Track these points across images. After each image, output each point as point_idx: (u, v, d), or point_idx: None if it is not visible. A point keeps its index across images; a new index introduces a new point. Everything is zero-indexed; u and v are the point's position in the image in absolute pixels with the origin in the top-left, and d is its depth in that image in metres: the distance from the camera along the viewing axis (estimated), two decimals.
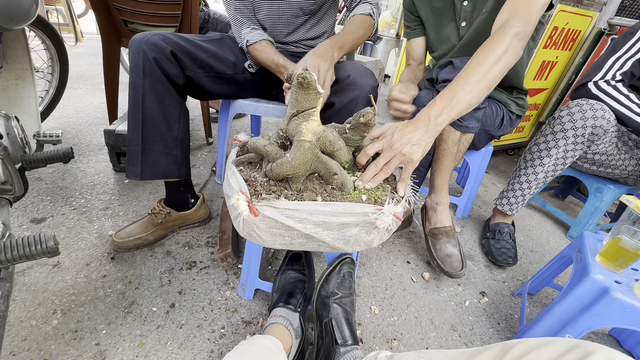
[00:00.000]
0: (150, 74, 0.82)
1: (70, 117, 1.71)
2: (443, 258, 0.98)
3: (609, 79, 1.00)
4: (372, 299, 0.93)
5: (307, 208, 0.50)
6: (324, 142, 0.57)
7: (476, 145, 1.18)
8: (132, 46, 0.81)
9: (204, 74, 0.94)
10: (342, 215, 0.49)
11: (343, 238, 0.51)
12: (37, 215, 1.03)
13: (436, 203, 1.07)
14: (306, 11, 0.99)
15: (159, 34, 0.84)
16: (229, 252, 0.92)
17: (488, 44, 0.70)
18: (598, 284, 0.66)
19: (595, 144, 1.01)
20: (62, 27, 2.96)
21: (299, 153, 0.55)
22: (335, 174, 0.57)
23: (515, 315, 0.95)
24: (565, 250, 0.88)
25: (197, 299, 0.85)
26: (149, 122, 0.86)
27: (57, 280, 0.84)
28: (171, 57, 0.85)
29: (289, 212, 0.50)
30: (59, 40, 1.37)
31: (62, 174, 1.25)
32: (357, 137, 0.62)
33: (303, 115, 0.59)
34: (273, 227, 0.52)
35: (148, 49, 0.80)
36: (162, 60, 0.83)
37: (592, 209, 1.28)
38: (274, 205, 0.50)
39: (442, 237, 1.02)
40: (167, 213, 1.01)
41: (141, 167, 0.89)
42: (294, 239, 0.53)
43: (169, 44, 0.84)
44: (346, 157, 0.61)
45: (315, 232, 0.50)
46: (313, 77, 0.55)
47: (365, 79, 0.88)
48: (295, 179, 0.56)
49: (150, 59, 0.81)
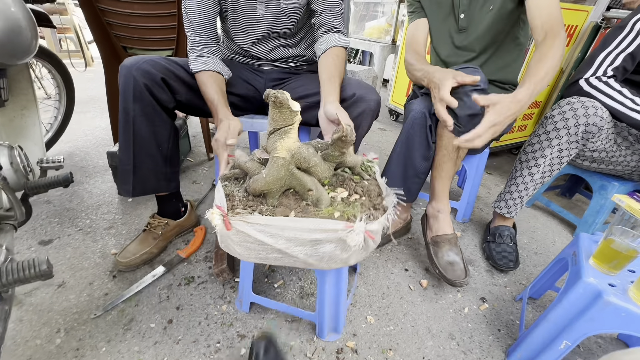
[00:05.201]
0: (140, 99, 0.86)
1: (79, 140, 1.79)
2: (445, 266, 0.96)
3: (600, 75, 0.98)
4: (368, 308, 0.93)
5: (278, 223, 0.52)
6: (298, 159, 0.59)
7: (476, 150, 1.17)
8: (122, 72, 0.85)
9: (197, 97, 0.98)
10: (313, 232, 0.50)
11: (316, 255, 0.52)
12: (45, 237, 1.08)
13: (437, 210, 1.06)
14: (285, 34, 1.01)
15: (149, 59, 0.87)
16: (224, 268, 0.94)
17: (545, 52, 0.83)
18: (591, 287, 0.65)
19: (591, 142, 0.99)
20: (72, 54, 3.12)
21: (272, 169, 0.57)
22: (309, 189, 0.58)
23: (517, 321, 0.93)
24: (562, 252, 0.86)
25: (194, 314, 0.87)
26: (140, 144, 0.90)
27: (61, 300, 0.87)
28: (162, 83, 0.88)
29: (261, 227, 0.52)
30: (65, 69, 1.45)
31: (69, 196, 1.31)
32: (336, 153, 0.63)
33: (279, 132, 0.60)
34: (247, 241, 0.54)
35: (138, 75, 0.84)
36: (152, 87, 0.86)
37: (598, 207, 1.24)
38: (246, 220, 0.52)
39: (444, 245, 1.00)
40: (166, 224, 1.05)
41: (133, 185, 0.93)
42: (269, 254, 0.55)
43: (159, 70, 0.87)
44: (324, 173, 0.62)
45: (287, 247, 0.52)
46: (285, 96, 0.57)
47: (370, 94, 0.90)
48: (271, 194, 0.58)
49: (141, 84, 0.84)
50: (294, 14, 0.98)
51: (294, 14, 0.98)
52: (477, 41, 1.07)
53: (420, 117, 0.99)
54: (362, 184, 0.67)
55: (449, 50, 1.13)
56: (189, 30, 0.94)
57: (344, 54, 0.96)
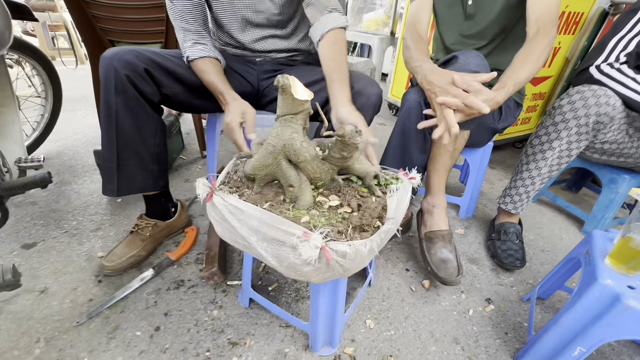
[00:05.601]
0: (122, 91, 0.81)
1: (69, 139, 1.74)
2: (438, 263, 0.91)
3: (612, 62, 0.92)
4: (367, 311, 0.88)
5: (246, 209, 0.49)
6: (288, 150, 0.54)
7: (479, 143, 1.12)
8: (103, 63, 0.79)
9: (184, 90, 0.93)
10: (271, 228, 0.46)
11: (277, 255, 0.47)
12: (28, 240, 1.04)
13: (432, 205, 1.01)
14: (273, 22, 0.95)
15: (131, 50, 0.82)
16: (214, 271, 0.89)
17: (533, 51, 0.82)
18: (608, 290, 0.59)
19: (602, 133, 0.93)
20: (64, 52, 3.06)
21: (260, 155, 0.54)
22: (290, 185, 0.53)
23: (525, 323, 0.88)
24: (573, 251, 0.81)
25: (183, 320, 0.82)
26: (124, 139, 0.85)
27: (42, 307, 0.83)
28: (145, 74, 0.83)
29: (232, 208, 0.50)
30: (50, 66, 1.39)
31: (56, 196, 1.26)
32: (337, 155, 0.56)
33: (282, 119, 0.56)
34: (222, 219, 0.52)
35: (120, 65, 0.79)
36: (135, 78, 0.81)
37: (607, 202, 1.19)
38: (223, 198, 0.51)
39: (437, 241, 0.95)
40: (154, 225, 1.00)
41: (117, 184, 0.88)
42: (238, 239, 0.52)
43: (142, 61, 0.82)
44: (318, 174, 0.57)
45: (249, 237, 0.48)
46: (288, 81, 0.52)
47: (370, 88, 0.85)
48: (257, 180, 0.55)
49: (122, 76, 0.79)
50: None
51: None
52: (484, 30, 1.02)
53: (415, 107, 0.93)
54: (368, 199, 0.58)
55: (455, 37, 1.08)
56: (176, 18, 0.88)
57: (343, 37, 0.87)
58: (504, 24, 0.99)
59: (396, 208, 0.52)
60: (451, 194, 1.47)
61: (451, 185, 1.58)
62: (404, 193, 0.57)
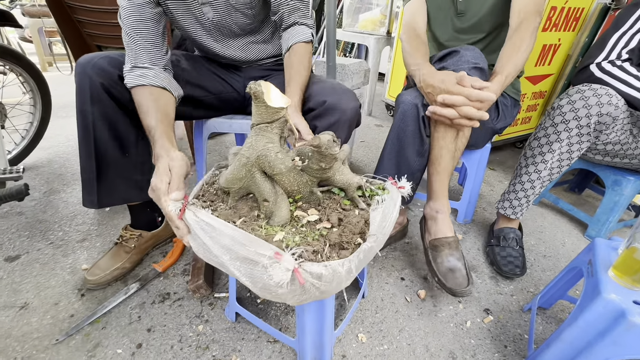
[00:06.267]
0: (98, 100, 0.77)
1: (60, 146, 1.71)
2: (445, 273, 0.85)
3: (614, 59, 0.88)
4: (359, 324, 0.84)
5: (217, 226, 0.46)
6: (262, 162, 0.50)
7: (476, 145, 1.08)
8: (77, 70, 0.76)
9: None
10: (242, 247, 0.42)
11: (250, 276, 0.43)
12: (12, 252, 1.01)
13: (435, 211, 0.95)
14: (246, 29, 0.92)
15: (106, 55, 0.78)
16: (200, 284, 0.85)
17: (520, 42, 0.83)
18: (612, 305, 0.55)
19: (604, 134, 0.89)
20: (59, 57, 3.05)
21: (233, 167, 0.51)
22: (265, 200, 0.49)
23: (526, 335, 0.84)
24: (575, 260, 0.76)
25: (167, 336, 0.79)
26: (102, 149, 0.81)
27: (22, 324, 0.80)
28: (119, 82, 0.78)
29: (204, 224, 0.47)
30: (38, 73, 1.37)
31: (44, 206, 1.23)
32: (315, 167, 0.52)
33: (257, 128, 0.52)
34: (195, 235, 0.50)
35: (94, 73, 0.75)
36: (110, 86, 0.77)
37: (611, 205, 1.14)
38: (195, 213, 0.49)
39: (443, 249, 0.89)
40: (139, 236, 0.96)
41: (98, 195, 0.84)
42: (211, 257, 0.48)
43: (116, 67, 0.78)
44: (295, 186, 0.53)
45: (221, 255, 0.45)
46: (259, 88, 0.48)
47: (345, 102, 0.79)
48: (231, 194, 0.52)
49: (97, 84, 0.75)
50: (246, 9, 0.87)
51: (247, 9, 0.87)
52: (477, 25, 1.00)
53: (411, 109, 0.89)
54: (350, 212, 0.54)
55: (449, 34, 1.05)
56: (125, 37, 0.76)
57: (305, 49, 0.85)
58: (496, 19, 0.96)
59: (381, 222, 0.48)
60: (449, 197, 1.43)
61: (450, 189, 1.54)
62: (390, 205, 0.53)
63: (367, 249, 0.43)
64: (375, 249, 0.45)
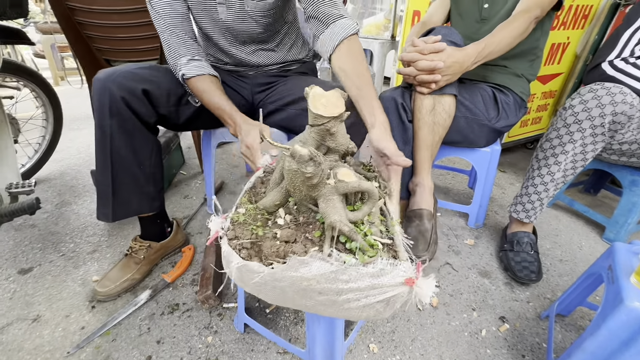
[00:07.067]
0: (117, 113, 0.78)
1: (72, 158, 1.75)
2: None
3: (627, 57, 0.86)
4: (370, 334, 0.82)
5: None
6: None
7: (475, 142, 1.06)
8: (97, 85, 0.77)
9: (186, 107, 0.90)
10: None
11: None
12: (25, 265, 1.02)
13: (415, 184, 0.99)
14: (256, 39, 0.94)
15: (126, 70, 0.80)
16: (209, 294, 0.85)
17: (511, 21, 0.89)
18: (636, 314, 0.53)
19: (619, 134, 0.86)
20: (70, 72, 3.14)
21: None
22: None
23: (544, 344, 0.81)
24: (594, 265, 0.73)
25: (177, 347, 0.78)
26: (119, 163, 0.83)
27: (34, 337, 0.80)
28: (142, 96, 0.81)
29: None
30: (49, 88, 1.40)
31: (56, 218, 1.25)
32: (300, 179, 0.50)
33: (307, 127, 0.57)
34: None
35: (115, 87, 0.77)
36: (131, 100, 0.79)
37: (630, 206, 1.10)
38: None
39: (415, 219, 0.93)
40: (148, 246, 0.97)
41: (113, 209, 0.86)
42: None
43: (139, 81, 0.80)
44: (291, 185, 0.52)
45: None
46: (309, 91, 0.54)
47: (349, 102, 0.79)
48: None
49: (118, 98, 0.77)
50: (261, 18, 0.87)
51: (262, 18, 0.88)
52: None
53: (389, 100, 0.97)
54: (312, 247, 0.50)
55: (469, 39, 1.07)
56: (164, 30, 0.84)
57: (358, 45, 0.75)
58: None
59: None
60: (459, 201, 1.41)
61: (460, 192, 1.51)
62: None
63: None
64: None
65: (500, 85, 1.05)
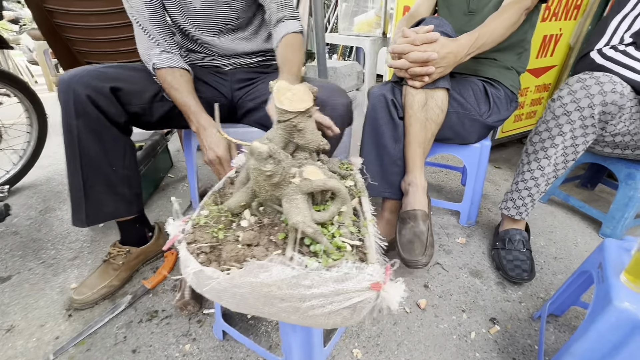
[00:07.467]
0: (83, 112, 0.76)
1: (59, 163, 1.73)
2: (405, 244, 0.84)
3: (616, 44, 0.82)
4: (354, 339, 0.79)
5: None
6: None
7: (467, 138, 1.03)
8: (61, 85, 0.75)
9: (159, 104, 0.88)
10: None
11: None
12: (4, 273, 1.00)
13: (408, 184, 0.93)
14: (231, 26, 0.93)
15: (93, 69, 0.78)
16: (187, 300, 0.82)
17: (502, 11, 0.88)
18: (626, 315, 0.49)
19: (611, 125, 0.83)
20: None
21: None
22: None
23: (536, 345, 0.77)
24: (585, 263, 0.70)
25: (152, 357, 0.75)
26: (89, 164, 0.81)
27: (6, 348, 0.78)
28: (110, 94, 0.78)
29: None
30: (33, 94, 1.38)
31: (39, 224, 1.23)
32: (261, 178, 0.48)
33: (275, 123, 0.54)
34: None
35: (80, 86, 0.74)
36: (97, 99, 0.76)
37: (626, 200, 1.06)
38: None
39: (409, 221, 0.88)
40: (127, 252, 0.94)
41: (86, 213, 0.83)
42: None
43: (107, 80, 0.77)
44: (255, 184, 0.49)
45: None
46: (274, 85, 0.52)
47: (335, 98, 0.79)
48: None
49: (83, 97, 0.74)
50: (235, 2, 0.88)
51: (235, 2, 0.88)
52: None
53: (379, 97, 0.93)
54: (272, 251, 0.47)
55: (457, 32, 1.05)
56: (138, 18, 0.82)
57: (298, 40, 0.87)
58: None
59: None
60: (452, 199, 1.37)
61: (452, 189, 1.48)
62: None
63: None
64: None
65: (491, 79, 1.02)
